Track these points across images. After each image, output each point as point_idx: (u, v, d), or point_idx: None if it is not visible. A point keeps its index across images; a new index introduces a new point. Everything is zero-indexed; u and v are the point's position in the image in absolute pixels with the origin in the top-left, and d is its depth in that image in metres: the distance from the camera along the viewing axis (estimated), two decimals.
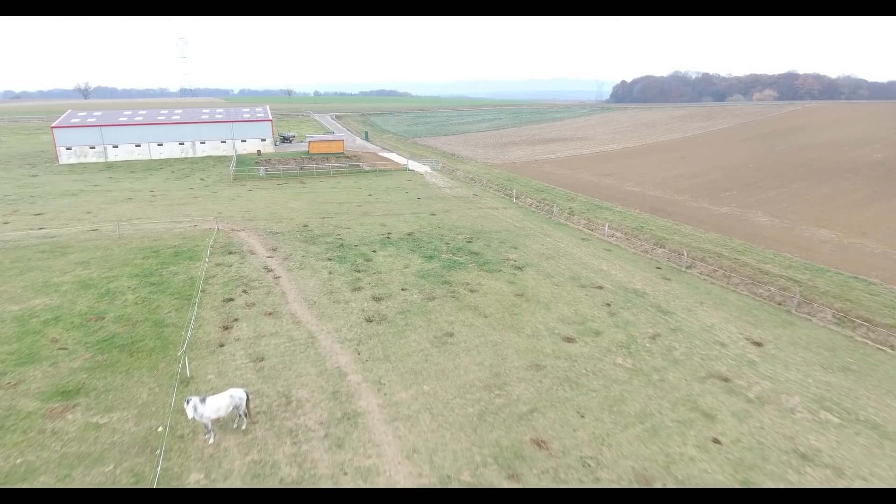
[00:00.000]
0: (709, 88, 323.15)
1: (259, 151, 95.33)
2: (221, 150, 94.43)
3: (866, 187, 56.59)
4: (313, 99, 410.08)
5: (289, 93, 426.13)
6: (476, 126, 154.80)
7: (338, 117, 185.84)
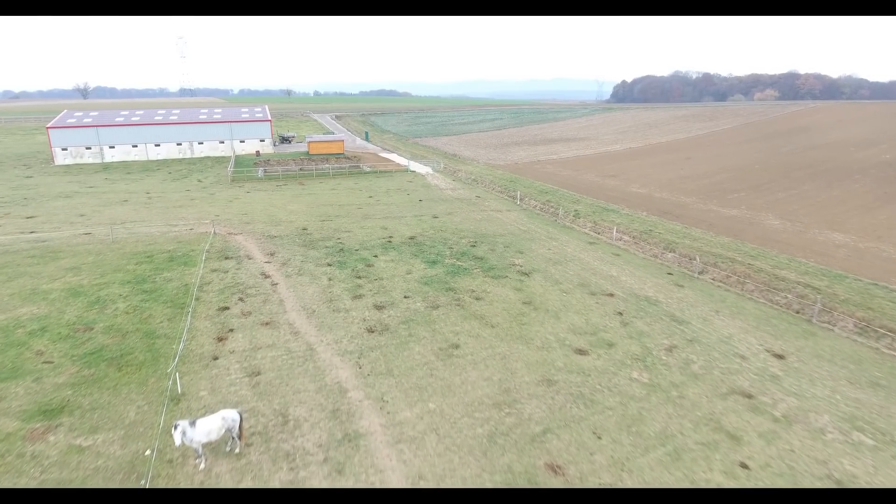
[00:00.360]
0: (709, 88, 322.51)
1: (258, 152, 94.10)
2: (220, 150, 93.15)
3: (877, 189, 55.45)
4: (313, 99, 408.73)
5: (288, 93, 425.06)
6: (477, 126, 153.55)
7: (338, 117, 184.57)
